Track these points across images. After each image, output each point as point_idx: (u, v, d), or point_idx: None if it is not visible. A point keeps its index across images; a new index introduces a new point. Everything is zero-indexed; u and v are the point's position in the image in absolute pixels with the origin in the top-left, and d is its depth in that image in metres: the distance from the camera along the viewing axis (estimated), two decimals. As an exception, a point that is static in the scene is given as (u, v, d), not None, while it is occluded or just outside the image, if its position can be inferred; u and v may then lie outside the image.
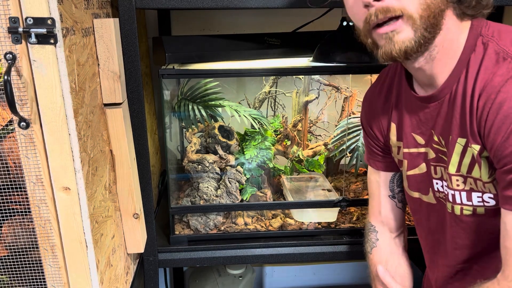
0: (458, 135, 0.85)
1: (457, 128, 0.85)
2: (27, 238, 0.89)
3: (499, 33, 0.82)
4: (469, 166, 0.85)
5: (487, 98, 0.78)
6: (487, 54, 0.81)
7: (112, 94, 1.04)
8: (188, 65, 1.29)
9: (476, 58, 0.82)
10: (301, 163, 1.53)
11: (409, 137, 0.97)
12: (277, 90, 1.52)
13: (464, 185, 0.88)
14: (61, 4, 0.77)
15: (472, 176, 0.86)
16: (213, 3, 1.11)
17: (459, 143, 0.85)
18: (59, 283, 0.88)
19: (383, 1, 0.77)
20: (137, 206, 1.13)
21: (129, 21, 1.08)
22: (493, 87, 0.78)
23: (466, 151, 0.85)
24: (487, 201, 0.86)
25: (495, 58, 0.80)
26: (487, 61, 0.80)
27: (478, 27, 0.84)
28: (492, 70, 0.79)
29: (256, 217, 1.42)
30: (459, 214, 0.91)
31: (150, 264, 1.31)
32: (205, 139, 1.44)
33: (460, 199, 0.90)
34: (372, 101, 1.07)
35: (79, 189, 0.84)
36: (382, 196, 1.11)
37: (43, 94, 0.78)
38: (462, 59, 0.83)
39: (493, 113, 0.77)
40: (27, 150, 0.80)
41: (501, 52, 0.79)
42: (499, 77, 0.78)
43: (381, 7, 0.77)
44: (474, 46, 0.83)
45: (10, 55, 0.74)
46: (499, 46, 0.80)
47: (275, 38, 1.41)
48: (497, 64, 0.79)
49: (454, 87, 0.85)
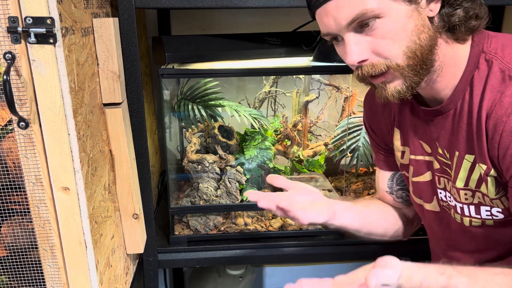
0: (466, 152, 0.85)
1: (464, 145, 0.85)
2: (26, 238, 0.88)
3: (503, 48, 0.81)
4: (478, 182, 0.85)
5: (498, 121, 0.78)
6: (492, 72, 0.80)
7: (112, 94, 1.03)
8: (188, 64, 1.28)
9: (480, 76, 0.81)
10: (301, 163, 1.53)
11: (417, 144, 0.96)
12: (277, 90, 1.51)
13: (472, 199, 0.88)
14: (60, 3, 0.77)
15: (480, 191, 0.86)
16: (213, 3, 1.11)
17: (467, 159, 0.85)
18: (58, 283, 0.88)
19: (366, 61, 0.79)
20: (136, 206, 1.13)
21: (129, 20, 1.08)
22: (502, 108, 0.77)
23: (474, 168, 0.84)
24: (496, 215, 0.86)
25: (501, 76, 0.79)
26: (492, 80, 0.79)
27: (479, 43, 0.83)
28: (499, 89, 0.78)
29: (256, 218, 1.42)
30: (468, 225, 0.91)
31: (150, 265, 1.31)
32: (205, 139, 1.43)
33: (469, 212, 0.89)
34: (372, 103, 1.07)
35: (79, 189, 0.84)
36: (380, 190, 1.12)
37: (43, 94, 0.78)
38: (465, 76, 0.83)
39: (507, 136, 0.77)
40: (27, 150, 0.80)
41: (506, 70, 0.78)
42: (508, 97, 0.77)
43: (366, 65, 0.80)
44: (477, 64, 0.82)
45: (9, 54, 0.73)
46: (504, 64, 0.79)
47: (275, 37, 1.41)
48: (503, 82, 0.78)
49: (459, 104, 0.84)
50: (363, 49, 0.78)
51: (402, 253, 1.34)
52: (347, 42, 0.78)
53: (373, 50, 0.78)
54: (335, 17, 0.77)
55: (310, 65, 1.32)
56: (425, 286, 0.78)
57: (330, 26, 0.79)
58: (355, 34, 0.78)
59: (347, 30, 0.77)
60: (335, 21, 0.77)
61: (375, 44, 0.77)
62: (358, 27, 0.77)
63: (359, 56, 0.78)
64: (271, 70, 1.34)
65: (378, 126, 1.06)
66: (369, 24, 0.76)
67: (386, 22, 0.76)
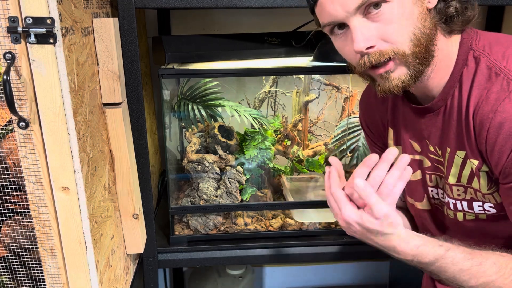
0: (457, 148, 0.86)
1: (455, 141, 0.85)
2: (26, 238, 0.88)
3: (490, 46, 0.82)
4: (469, 178, 0.86)
5: (484, 117, 0.78)
6: (479, 69, 0.80)
7: (112, 94, 1.03)
8: (188, 64, 1.28)
9: (468, 73, 0.82)
10: (301, 163, 1.53)
11: (407, 143, 0.97)
12: (277, 90, 1.51)
13: (465, 194, 0.88)
14: (60, 3, 0.77)
15: (472, 186, 0.86)
16: (213, 3, 1.11)
17: (458, 155, 0.86)
18: (58, 283, 0.88)
19: (374, 47, 0.78)
20: (136, 206, 1.13)
21: (129, 20, 1.08)
22: (489, 105, 0.78)
23: (465, 164, 0.85)
24: (488, 210, 0.87)
25: (488, 73, 0.79)
26: (479, 76, 0.80)
27: (468, 40, 0.84)
28: (486, 86, 0.79)
29: (256, 217, 1.42)
30: (462, 220, 0.91)
31: (150, 265, 1.31)
32: (205, 139, 1.43)
33: (462, 207, 0.90)
34: (367, 102, 1.08)
35: (79, 189, 0.84)
36: None
37: (43, 94, 0.78)
38: (455, 73, 0.83)
39: (494, 132, 0.77)
40: (27, 150, 0.80)
41: (493, 67, 0.79)
42: (494, 94, 0.78)
43: (373, 52, 0.78)
44: (466, 61, 0.82)
45: (9, 54, 0.73)
46: (491, 61, 0.80)
47: (275, 37, 1.41)
48: (489, 79, 0.79)
49: (449, 101, 0.85)
50: (371, 35, 0.77)
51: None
52: (353, 28, 0.77)
53: (380, 36, 0.77)
54: (343, 2, 0.76)
55: (310, 65, 1.32)
56: (421, 250, 0.79)
57: (336, 12, 0.78)
58: (362, 19, 0.77)
59: (354, 15, 0.76)
60: (343, 6, 0.76)
61: (383, 29, 0.77)
62: (364, 13, 0.76)
63: (367, 42, 0.77)
64: (271, 70, 1.34)
65: (375, 125, 1.07)
66: (379, 4, 0.75)
67: (393, 7, 0.76)
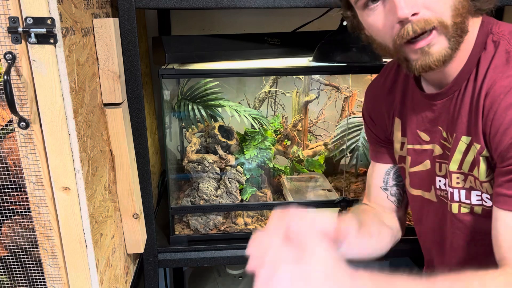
0: (463, 133, 0.85)
1: (464, 126, 0.84)
2: (27, 238, 0.89)
3: (511, 33, 0.81)
4: (471, 164, 0.85)
5: (495, 98, 0.77)
6: (498, 52, 0.79)
7: (112, 94, 1.04)
8: (188, 65, 1.28)
9: (486, 57, 0.81)
10: (301, 163, 1.53)
11: (414, 134, 0.96)
12: (277, 90, 1.52)
13: (464, 183, 0.88)
14: (61, 4, 0.77)
15: (472, 174, 0.85)
16: (213, 3, 1.11)
17: (463, 141, 0.85)
18: (58, 283, 0.88)
19: (418, 14, 0.75)
20: (137, 206, 1.13)
21: (129, 21, 1.08)
22: (502, 87, 0.77)
23: (469, 149, 0.84)
24: (485, 201, 0.86)
25: (506, 57, 0.78)
26: (497, 60, 0.79)
27: (488, 24, 0.83)
28: (502, 70, 0.78)
29: (256, 217, 1.42)
30: (456, 213, 0.90)
31: (150, 264, 1.31)
32: (205, 139, 1.43)
33: (459, 197, 0.89)
34: (375, 92, 1.06)
35: (79, 189, 0.84)
36: (374, 186, 1.09)
37: (43, 94, 0.78)
38: (472, 57, 0.82)
39: (501, 113, 0.76)
40: (27, 150, 0.80)
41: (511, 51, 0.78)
42: (510, 78, 0.76)
43: (417, 20, 0.75)
44: (485, 44, 0.81)
45: (9, 55, 0.74)
46: (511, 45, 0.79)
47: (275, 38, 1.41)
48: (507, 63, 0.78)
49: (464, 85, 0.84)
50: (415, 2, 0.75)
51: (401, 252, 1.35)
52: None
53: (423, 3, 0.75)
54: None
55: (310, 65, 1.32)
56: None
57: None
58: None
59: None
60: None
61: None
62: None
63: (412, 8, 0.74)
64: (271, 70, 1.34)
65: (380, 115, 1.05)
66: None
67: None
